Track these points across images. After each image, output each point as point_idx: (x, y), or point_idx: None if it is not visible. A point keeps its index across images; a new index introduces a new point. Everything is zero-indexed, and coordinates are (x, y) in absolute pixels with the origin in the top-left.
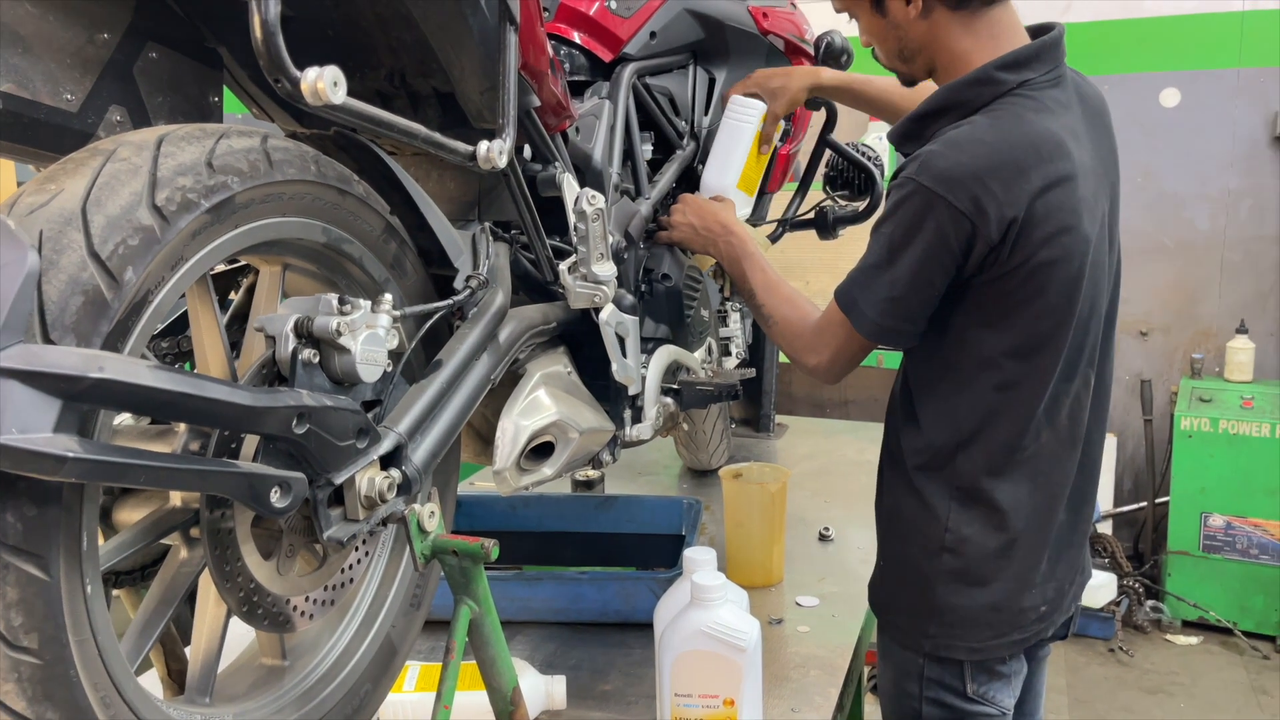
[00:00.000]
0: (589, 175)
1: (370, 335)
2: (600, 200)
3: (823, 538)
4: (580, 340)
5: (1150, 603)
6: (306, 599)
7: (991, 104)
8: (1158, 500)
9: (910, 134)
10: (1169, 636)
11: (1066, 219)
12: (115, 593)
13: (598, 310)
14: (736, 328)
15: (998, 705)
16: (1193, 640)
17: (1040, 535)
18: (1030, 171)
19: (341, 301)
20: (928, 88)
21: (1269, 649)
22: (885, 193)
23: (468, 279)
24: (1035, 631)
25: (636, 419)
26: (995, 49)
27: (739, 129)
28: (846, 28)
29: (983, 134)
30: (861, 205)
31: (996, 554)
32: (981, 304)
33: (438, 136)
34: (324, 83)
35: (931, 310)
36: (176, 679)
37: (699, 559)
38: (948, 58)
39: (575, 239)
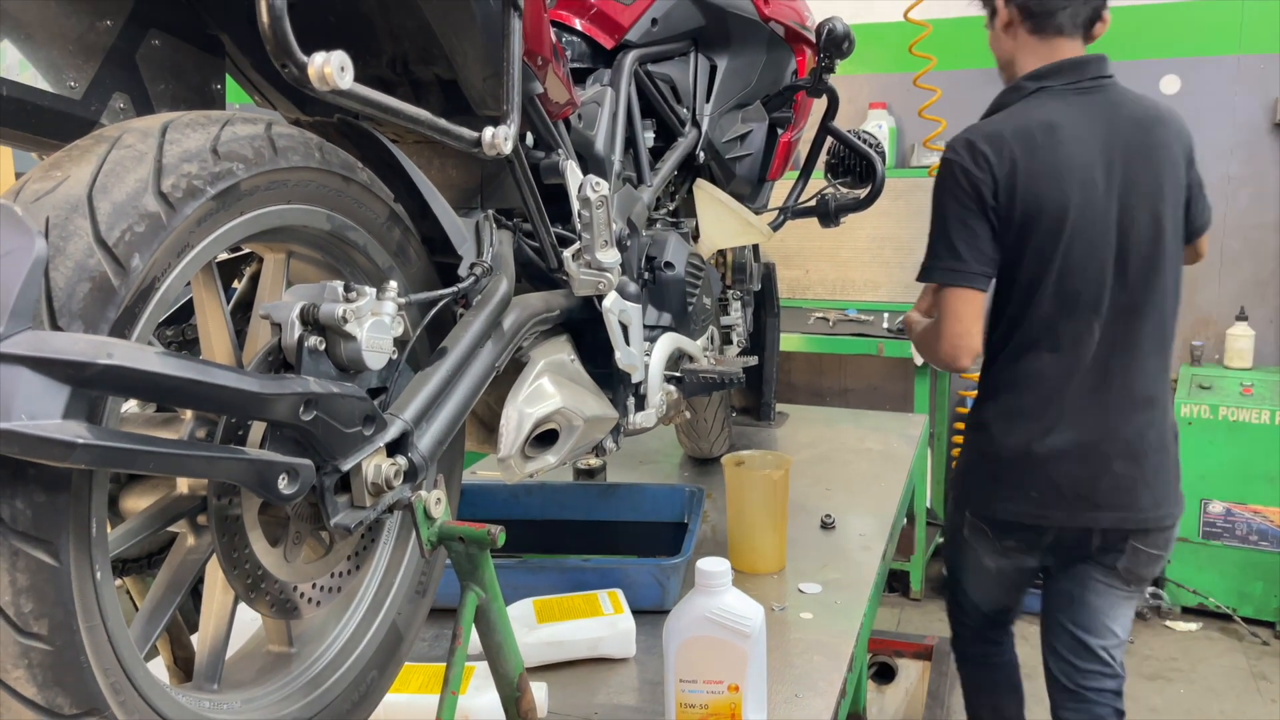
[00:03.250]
0: (591, 162)
1: (376, 322)
2: (604, 187)
3: (824, 525)
4: (583, 328)
5: (1150, 589)
6: (313, 586)
7: (1012, 104)
8: None
9: None
10: (1168, 623)
11: (1044, 185)
12: (120, 581)
13: (601, 298)
14: (738, 316)
15: (978, 554)
16: (1192, 626)
17: (1039, 440)
18: (1015, 144)
19: (347, 289)
20: None
21: (1268, 635)
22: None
23: (472, 266)
24: (1040, 517)
25: (639, 407)
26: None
27: None
28: (847, 14)
29: (991, 121)
30: (863, 193)
31: (989, 436)
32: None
33: (443, 123)
34: (331, 68)
35: (986, 252)
36: (183, 666)
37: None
38: (1015, 70)
39: (579, 226)
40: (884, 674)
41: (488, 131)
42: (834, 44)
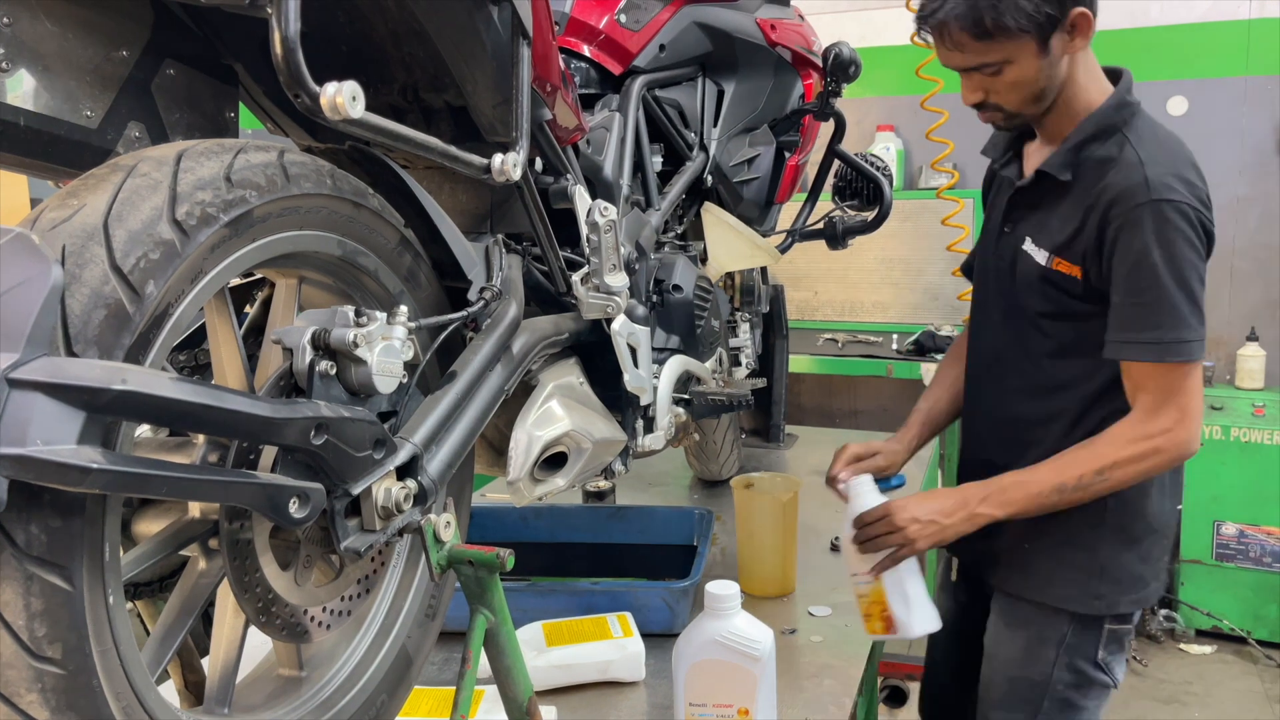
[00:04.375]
0: (600, 187)
1: (386, 347)
2: (612, 212)
3: (834, 548)
4: (592, 351)
5: (1164, 612)
6: (324, 609)
7: (1130, 123)
8: None
9: (1068, 162)
10: (1183, 646)
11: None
12: (132, 605)
13: (610, 321)
14: (746, 338)
15: (1114, 677)
16: (1206, 649)
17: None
18: (1200, 174)
19: (358, 314)
20: None
21: None
22: (1107, 222)
23: (481, 290)
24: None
25: (648, 429)
26: (1097, 79)
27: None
28: (854, 38)
29: (1157, 147)
30: (871, 215)
31: (1142, 508)
32: None
33: (453, 150)
34: (343, 97)
35: None
36: (194, 690)
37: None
38: (1074, 89)
39: (587, 250)
40: (896, 697)
41: (497, 158)
42: (840, 68)
